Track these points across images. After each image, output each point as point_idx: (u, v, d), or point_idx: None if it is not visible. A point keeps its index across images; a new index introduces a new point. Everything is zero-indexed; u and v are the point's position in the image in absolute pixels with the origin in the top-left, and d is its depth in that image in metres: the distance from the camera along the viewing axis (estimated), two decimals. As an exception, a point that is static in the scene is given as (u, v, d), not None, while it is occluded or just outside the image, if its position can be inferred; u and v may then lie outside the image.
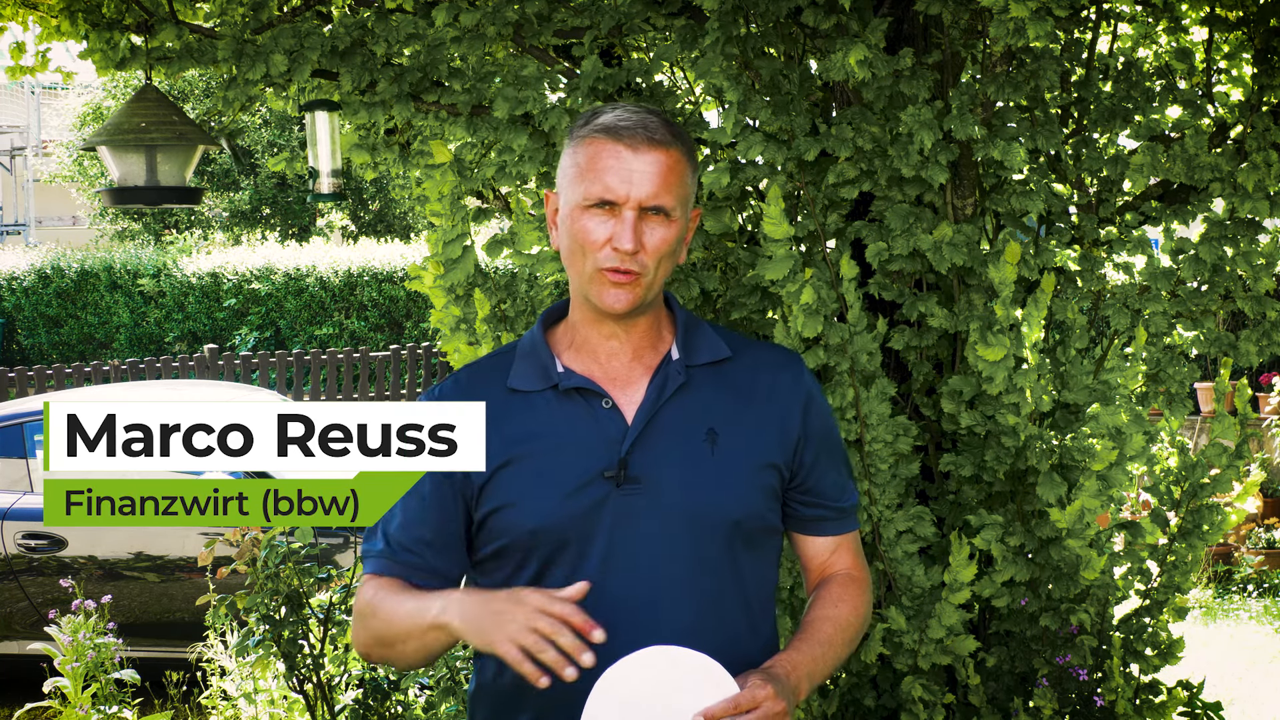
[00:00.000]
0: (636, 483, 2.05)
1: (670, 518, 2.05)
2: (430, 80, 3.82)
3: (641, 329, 2.12)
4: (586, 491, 2.04)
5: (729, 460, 2.08)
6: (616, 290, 2.05)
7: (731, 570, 2.09)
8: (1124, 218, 3.58)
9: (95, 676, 5.70)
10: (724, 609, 2.09)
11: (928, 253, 3.30)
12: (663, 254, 2.05)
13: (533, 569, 2.07)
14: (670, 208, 2.05)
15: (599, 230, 2.04)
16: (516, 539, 2.07)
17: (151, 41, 3.93)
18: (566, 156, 2.10)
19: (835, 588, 2.20)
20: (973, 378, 3.32)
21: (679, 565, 2.05)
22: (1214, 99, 3.70)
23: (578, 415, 2.08)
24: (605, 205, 2.04)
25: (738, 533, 2.09)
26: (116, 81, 20.41)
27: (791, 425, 2.14)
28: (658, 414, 2.08)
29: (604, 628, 1.94)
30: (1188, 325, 3.56)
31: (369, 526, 2.17)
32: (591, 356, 2.12)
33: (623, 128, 2.04)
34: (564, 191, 2.10)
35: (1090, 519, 3.29)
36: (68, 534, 7.14)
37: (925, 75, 3.29)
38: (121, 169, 4.51)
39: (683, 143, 2.08)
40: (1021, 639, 3.47)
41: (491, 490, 2.08)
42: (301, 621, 4.73)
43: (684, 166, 2.07)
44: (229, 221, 21.11)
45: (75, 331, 17.32)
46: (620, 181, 2.03)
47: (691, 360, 2.13)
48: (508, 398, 2.10)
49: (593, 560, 2.04)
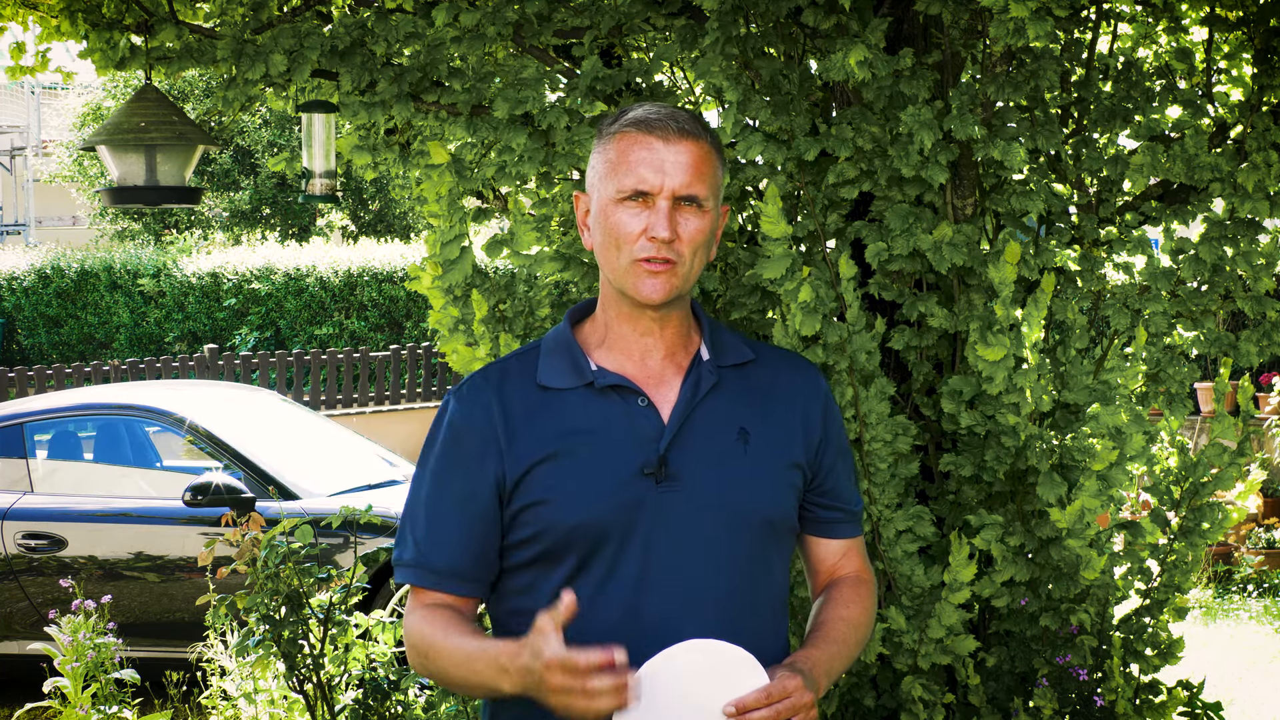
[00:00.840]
0: (675, 480, 2.06)
1: (707, 515, 2.07)
2: (430, 80, 3.82)
3: (675, 325, 2.13)
4: (627, 488, 2.05)
5: (761, 459, 2.11)
6: (653, 280, 2.06)
7: (764, 567, 2.12)
8: (1124, 218, 3.58)
9: (95, 676, 5.70)
10: (756, 605, 2.11)
11: (928, 253, 3.30)
12: (698, 244, 2.07)
13: (570, 565, 2.06)
14: (703, 197, 2.07)
15: (633, 222, 2.06)
16: (554, 535, 2.06)
17: (151, 41, 3.93)
18: (596, 155, 2.12)
19: (846, 589, 2.22)
20: (973, 378, 3.32)
21: (715, 562, 2.07)
22: (1214, 99, 3.70)
23: (614, 412, 2.08)
24: (639, 197, 2.06)
25: (770, 531, 2.12)
26: (116, 81, 20.40)
27: (813, 427, 2.17)
28: (693, 413, 2.10)
29: (642, 622, 1.99)
30: (1188, 325, 3.56)
31: (397, 529, 2.17)
32: (625, 354, 2.13)
33: (653, 120, 2.07)
34: (595, 189, 2.11)
35: (1090, 519, 3.29)
36: (68, 534, 7.14)
37: (925, 75, 3.29)
38: (121, 169, 4.51)
39: (711, 136, 2.10)
40: (1021, 639, 3.47)
41: (527, 486, 2.07)
42: (301, 621, 4.72)
43: (714, 158, 2.10)
44: (229, 221, 21.11)
45: (75, 331, 17.32)
46: (653, 172, 2.05)
47: (721, 361, 2.15)
48: (539, 394, 2.11)
49: (631, 556, 2.05)
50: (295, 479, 7.23)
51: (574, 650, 1.87)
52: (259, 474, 7.16)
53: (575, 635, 2.01)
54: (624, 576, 2.05)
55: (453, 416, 2.12)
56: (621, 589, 2.05)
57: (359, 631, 4.97)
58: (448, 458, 2.11)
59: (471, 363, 3.66)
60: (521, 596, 2.11)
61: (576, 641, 1.99)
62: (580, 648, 1.89)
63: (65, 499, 7.33)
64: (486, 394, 2.11)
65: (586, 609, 2.03)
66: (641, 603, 2.04)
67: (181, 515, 7.05)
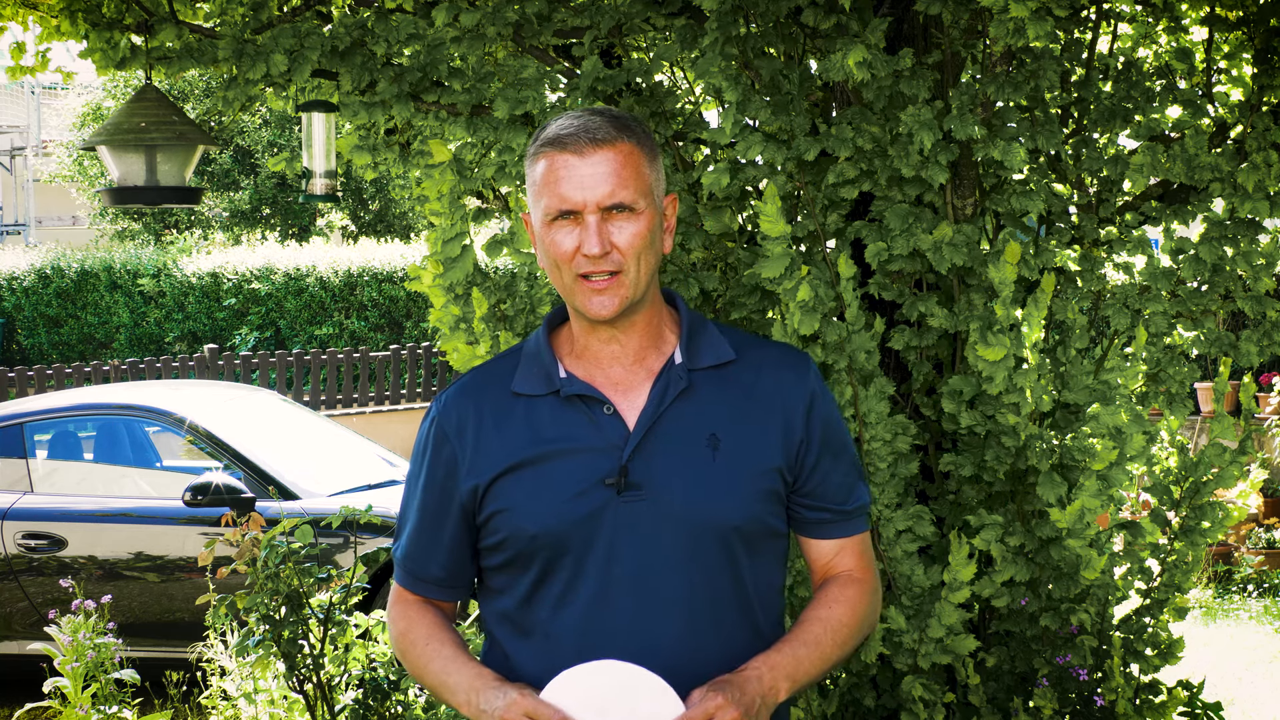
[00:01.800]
0: (638, 490, 2.05)
1: (670, 525, 2.05)
2: (430, 80, 3.82)
3: (640, 330, 2.12)
4: (586, 498, 2.05)
5: (731, 466, 2.08)
6: (599, 296, 2.05)
7: (731, 576, 2.10)
8: (1124, 218, 3.58)
9: (95, 676, 5.70)
10: (723, 615, 2.09)
11: (928, 253, 3.30)
12: (638, 249, 2.05)
13: (534, 574, 2.09)
14: (631, 202, 2.04)
15: (567, 241, 2.05)
16: (517, 543, 2.08)
17: (151, 41, 3.93)
18: (527, 177, 2.11)
19: (834, 588, 2.19)
20: (973, 378, 3.33)
21: (678, 572, 2.06)
22: (1214, 99, 3.70)
23: (579, 422, 2.08)
24: (567, 215, 2.04)
25: (738, 538, 2.09)
26: (116, 81, 20.41)
27: (794, 427, 2.13)
28: (659, 420, 2.08)
29: (602, 635, 2.01)
30: (1188, 325, 3.57)
31: (396, 525, 2.25)
32: (593, 362, 2.12)
33: (565, 136, 2.04)
34: (531, 210, 2.11)
35: (1090, 519, 3.29)
36: (68, 534, 7.14)
37: (925, 75, 3.29)
38: (121, 169, 4.51)
39: (631, 133, 2.07)
40: (1021, 639, 3.47)
41: (494, 494, 2.09)
42: (301, 621, 4.73)
43: (638, 157, 2.07)
44: (229, 221, 21.11)
45: (75, 331, 17.32)
46: (574, 189, 2.03)
47: (695, 363, 2.12)
48: (511, 401, 2.11)
49: (592, 568, 2.05)
50: (295, 479, 7.23)
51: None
52: (259, 474, 7.16)
53: (538, 647, 2.07)
54: (585, 588, 2.05)
55: (432, 424, 2.16)
56: (583, 600, 2.05)
57: (359, 631, 4.98)
58: (427, 465, 2.16)
59: (472, 361, 3.66)
60: (502, 597, 2.14)
61: (541, 647, 2.06)
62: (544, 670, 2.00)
63: (65, 499, 7.33)
64: (464, 401, 2.13)
65: (549, 619, 2.07)
66: (603, 614, 2.04)
67: (181, 515, 7.06)
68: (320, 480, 7.34)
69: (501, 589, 2.14)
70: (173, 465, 8.42)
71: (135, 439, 8.14)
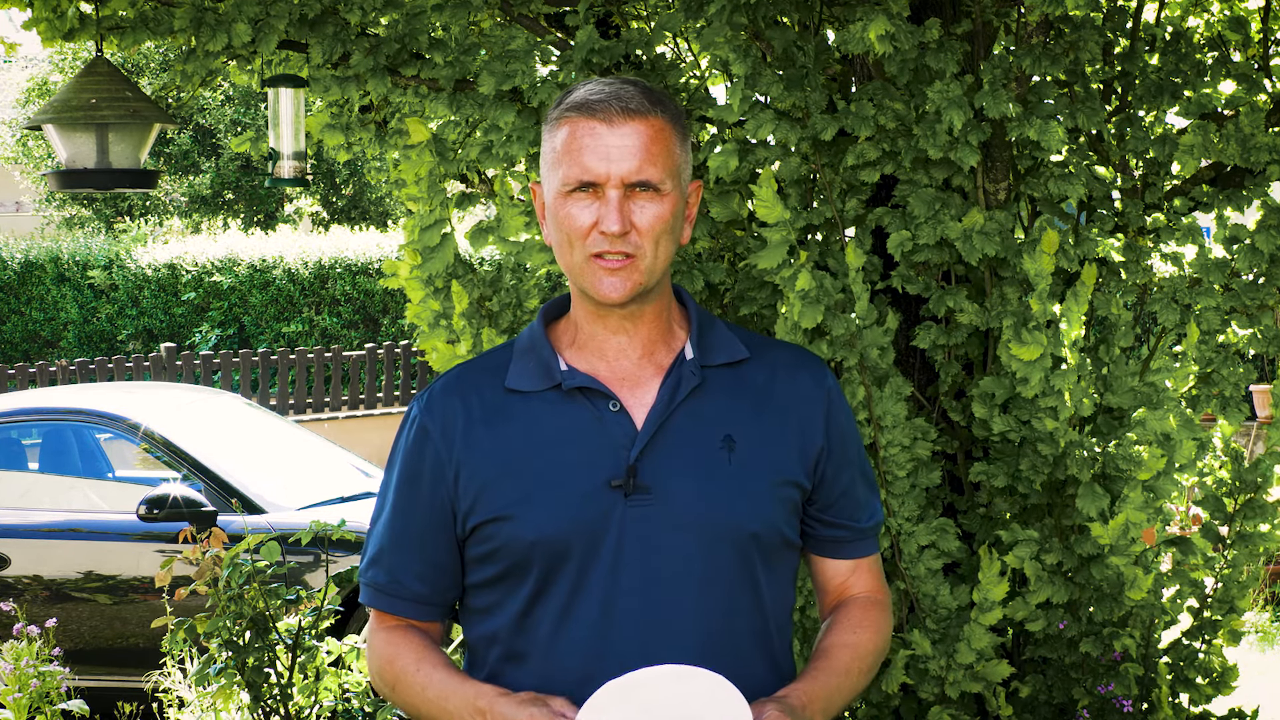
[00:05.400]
0: (646, 493, 2.05)
1: (683, 531, 2.05)
2: (409, 52, 3.81)
3: (649, 321, 2.12)
4: (591, 502, 2.04)
5: (748, 470, 2.08)
6: (611, 278, 2.04)
7: (749, 588, 2.10)
8: (1172, 203, 3.58)
9: (40, 708, 5.70)
10: (737, 630, 2.09)
11: (956, 242, 3.31)
12: (658, 232, 2.05)
13: (530, 588, 2.07)
14: (658, 181, 2.05)
15: (584, 216, 2.05)
16: (512, 552, 2.07)
17: (103, 10, 3.93)
18: (544, 143, 2.11)
19: (855, 611, 2.20)
20: (1006, 379, 3.33)
21: (691, 584, 2.06)
22: (1271, 73, 3.70)
23: (582, 418, 2.08)
24: (587, 188, 2.04)
25: (756, 547, 2.09)
26: (64, 54, 20.41)
27: (813, 435, 2.14)
28: (670, 418, 2.08)
29: (610, 650, 2.00)
30: (1243, 322, 3.57)
31: (364, 543, 2.20)
32: (597, 354, 2.12)
33: (595, 102, 2.04)
34: (545, 180, 2.11)
35: (1135, 534, 3.29)
36: (10, 551, 7.14)
37: (954, 47, 3.29)
38: (70, 149, 4.51)
39: (665, 109, 2.07)
40: (1059, 666, 3.47)
41: (486, 499, 2.08)
42: (268, 648, 4.72)
43: (669, 134, 2.07)
44: (188, 207, 21.13)
45: (18, 329, 17.33)
46: (598, 160, 2.03)
47: (707, 360, 2.12)
48: (504, 398, 2.11)
49: (597, 578, 2.05)
50: (261, 491, 7.23)
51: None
52: (221, 485, 7.16)
53: (540, 664, 2.05)
54: (590, 600, 2.05)
55: (414, 426, 2.14)
56: (587, 613, 2.05)
57: (331, 658, 4.97)
58: (407, 473, 2.13)
59: (452, 361, 3.66)
60: (491, 618, 2.12)
61: (541, 671, 2.05)
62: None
63: (7, 513, 7.33)
64: (450, 401, 2.12)
65: (550, 635, 2.06)
66: (609, 629, 2.03)
67: (136, 531, 7.06)
68: (288, 492, 7.34)
69: (490, 608, 2.12)
70: (126, 476, 8.41)
71: (85, 447, 8.14)
